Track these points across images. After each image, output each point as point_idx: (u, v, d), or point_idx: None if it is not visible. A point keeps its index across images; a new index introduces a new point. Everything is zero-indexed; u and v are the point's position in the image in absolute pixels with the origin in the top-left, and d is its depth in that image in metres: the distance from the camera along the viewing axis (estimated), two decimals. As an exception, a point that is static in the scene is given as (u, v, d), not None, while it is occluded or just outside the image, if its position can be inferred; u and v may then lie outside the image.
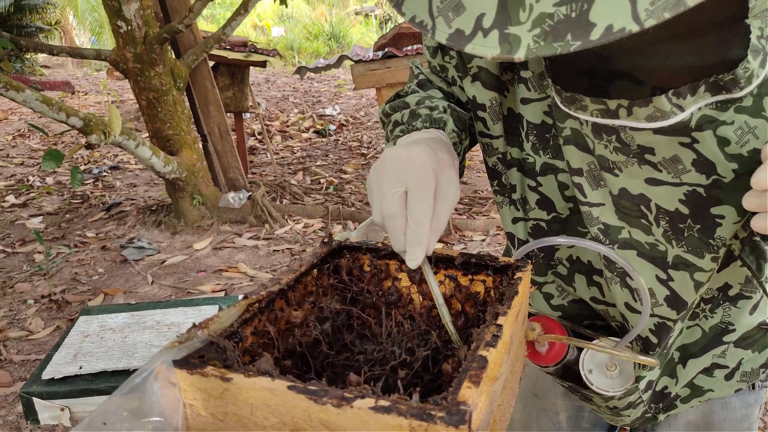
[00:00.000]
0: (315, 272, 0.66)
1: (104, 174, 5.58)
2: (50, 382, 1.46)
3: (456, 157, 0.70)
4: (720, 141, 0.57)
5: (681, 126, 0.56)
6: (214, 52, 4.47)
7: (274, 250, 3.81)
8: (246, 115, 6.95)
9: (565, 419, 0.98)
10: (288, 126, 7.34)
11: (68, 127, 3.37)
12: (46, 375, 1.47)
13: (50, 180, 5.42)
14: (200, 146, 4.34)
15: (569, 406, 0.97)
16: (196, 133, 4.36)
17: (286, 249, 3.82)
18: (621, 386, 0.78)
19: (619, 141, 0.61)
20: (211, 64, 4.56)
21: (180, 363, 0.44)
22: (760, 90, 0.55)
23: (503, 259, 0.64)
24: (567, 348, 0.77)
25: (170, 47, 4.04)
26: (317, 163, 5.76)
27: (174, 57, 4.09)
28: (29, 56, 11.22)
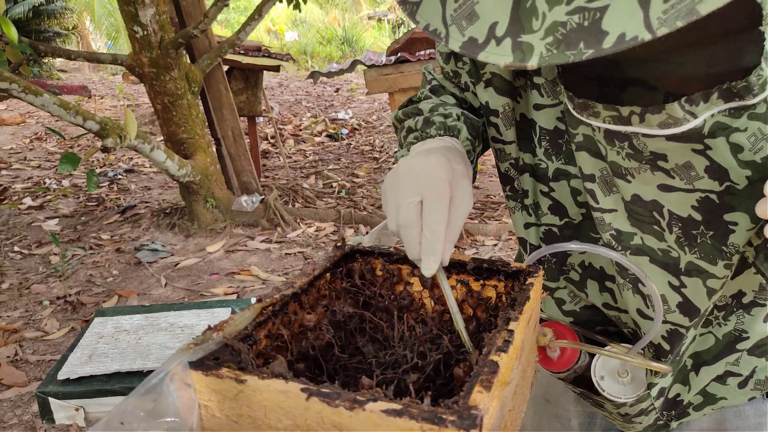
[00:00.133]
0: (328, 276, 0.66)
1: (119, 177, 5.64)
2: (65, 383, 1.48)
3: (470, 166, 0.70)
4: (733, 148, 0.57)
5: (694, 133, 0.56)
6: (229, 57, 4.51)
7: (286, 254, 3.82)
8: (259, 119, 7.00)
9: (577, 425, 0.97)
10: (301, 130, 7.37)
11: (84, 131, 3.42)
12: (62, 375, 1.49)
13: (66, 183, 5.49)
14: (214, 150, 4.38)
15: (581, 412, 0.97)
16: (210, 137, 4.39)
17: (298, 252, 3.83)
18: (633, 393, 0.78)
19: (632, 147, 0.61)
20: (225, 69, 4.60)
21: (195, 365, 0.45)
22: None
23: (515, 265, 0.64)
24: (578, 354, 0.77)
25: (185, 52, 4.08)
26: (329, 167, 5.78)
27: (189, 61, 4.13)
28: (47, 61, 11.40)
